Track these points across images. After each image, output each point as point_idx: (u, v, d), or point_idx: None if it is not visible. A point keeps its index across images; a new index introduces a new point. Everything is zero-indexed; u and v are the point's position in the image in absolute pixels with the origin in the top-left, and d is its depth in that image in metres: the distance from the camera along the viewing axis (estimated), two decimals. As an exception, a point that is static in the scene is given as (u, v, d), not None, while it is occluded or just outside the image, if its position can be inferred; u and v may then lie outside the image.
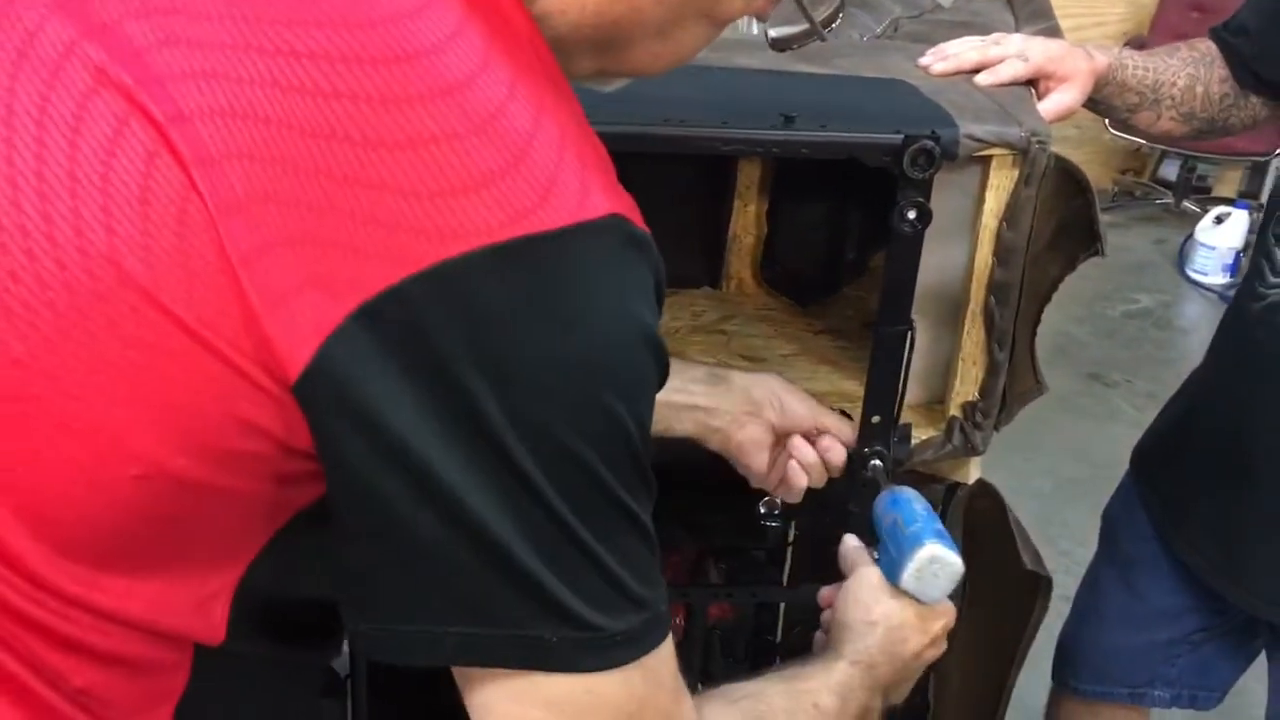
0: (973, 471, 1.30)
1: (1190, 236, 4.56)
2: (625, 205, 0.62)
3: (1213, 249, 4.46)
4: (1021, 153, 1.12)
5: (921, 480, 1.29)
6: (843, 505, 1.16)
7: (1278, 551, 1.40)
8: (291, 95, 0.57)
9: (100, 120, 0.57)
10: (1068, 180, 1.16)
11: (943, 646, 1.03)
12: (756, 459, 1.14)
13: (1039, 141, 1.12)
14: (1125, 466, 1.64)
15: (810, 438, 1.14)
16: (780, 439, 1.14)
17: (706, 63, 1.19)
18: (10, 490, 0.59)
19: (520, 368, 0.58)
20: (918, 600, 1.00)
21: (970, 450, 1.25)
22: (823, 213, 1.50)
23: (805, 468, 1.13)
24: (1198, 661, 1.59)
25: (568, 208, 0.59)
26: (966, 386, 1.24)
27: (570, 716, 0.64)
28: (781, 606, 1.50)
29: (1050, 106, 1.25)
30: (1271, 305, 1.33)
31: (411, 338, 0.56)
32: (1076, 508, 2.75)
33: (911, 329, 1.12)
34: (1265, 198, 1.70)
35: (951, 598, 1.02)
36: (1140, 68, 1.39)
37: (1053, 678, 1.72)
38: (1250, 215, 4.45)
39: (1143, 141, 4.66)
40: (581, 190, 0.60)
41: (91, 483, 0.59)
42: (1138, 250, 4.72)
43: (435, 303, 0.56)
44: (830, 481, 1.16)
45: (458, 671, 0.66)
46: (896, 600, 1.00)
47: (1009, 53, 1.26)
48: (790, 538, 1.48)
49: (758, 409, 1.13)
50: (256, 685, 0.78)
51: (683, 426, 1.12)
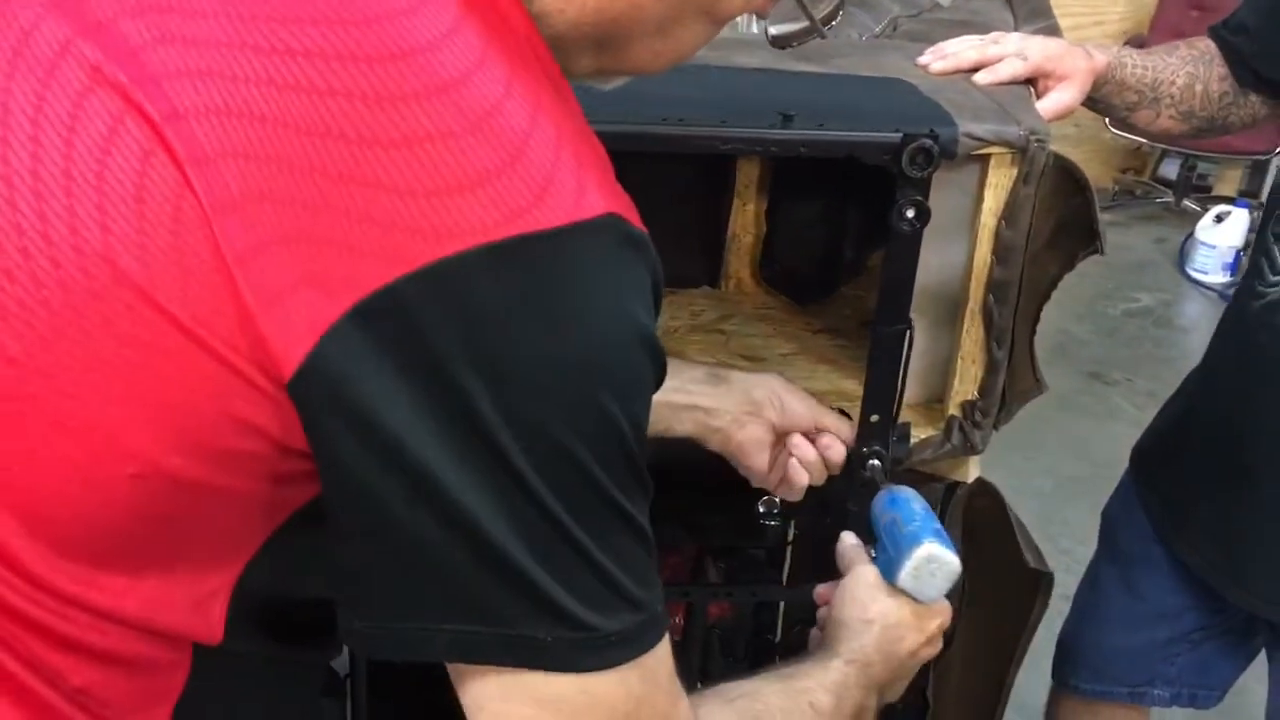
0: (972, 470, 1.30)
1: (1191, 235, 4.56)
2: (622, 205, 0.62)
3: (1213, 248, 4.46)
4: (1020, 151, 1.12)
5: (920, 479, 1.29)
6: (841, 504, 1.16)
7: (1276, 551, 1.40)
8: (286, 93, 0.57)
9: (95, 119, 0.57)
10: (1067, 179, 1.16)
11: (938, 645, 1.03)
12: (757, 459, 1.13)
13: (1038, 140, 1.12)
14: (1125, 465, 1.64)
15: (810, 436, 1.14)
16: (780, 438, 1.14)
17: (705, 62, 1.19)
18: (6, 489, 0.59)
19: (515, 367, 0.58)
20: (914, 599, 1.00)
21: (969, 449, 1.25)
22: (821, 212, 1.50)
23: (805, 465, 1.13)
24: (1197, 660, 1.59)
25: (564, 207, 0.59)
26: (965, 385, 1.24)
27: (566, 716, 0.64)
28: (781, 606, 1.50)
29: (1049, 105, 1.25)
30: (1271, 304, 1.33)
31: (406, 337, 0.56)
32: (1077, 506, 2.75)
33: (910, 328, 1.11)
34: (1266, 196, 1.69)
35: (949, 597, 1.02)
36: (1139, 66, 1.38)
37: (1053, 676, 1.71)
38: (1250, 214, 4.45)
39: (1143, 140, 4.66)
40: (578, 189, 0.59)
41: (87, 481, 0.59)
42: (1138, 249, 4.72)
43: (430, 302, 0.56)
44: (829, 480, 1.16)
45: (452, 669, 0.66)
46: (893, 599, 1.00)
47: (1008, 51, 1.26)
48: (790, 537, 1.48)
49: (758, 409, 1.12)
50: (256, 685, 0.78)
51: (683, 427, 1.11)
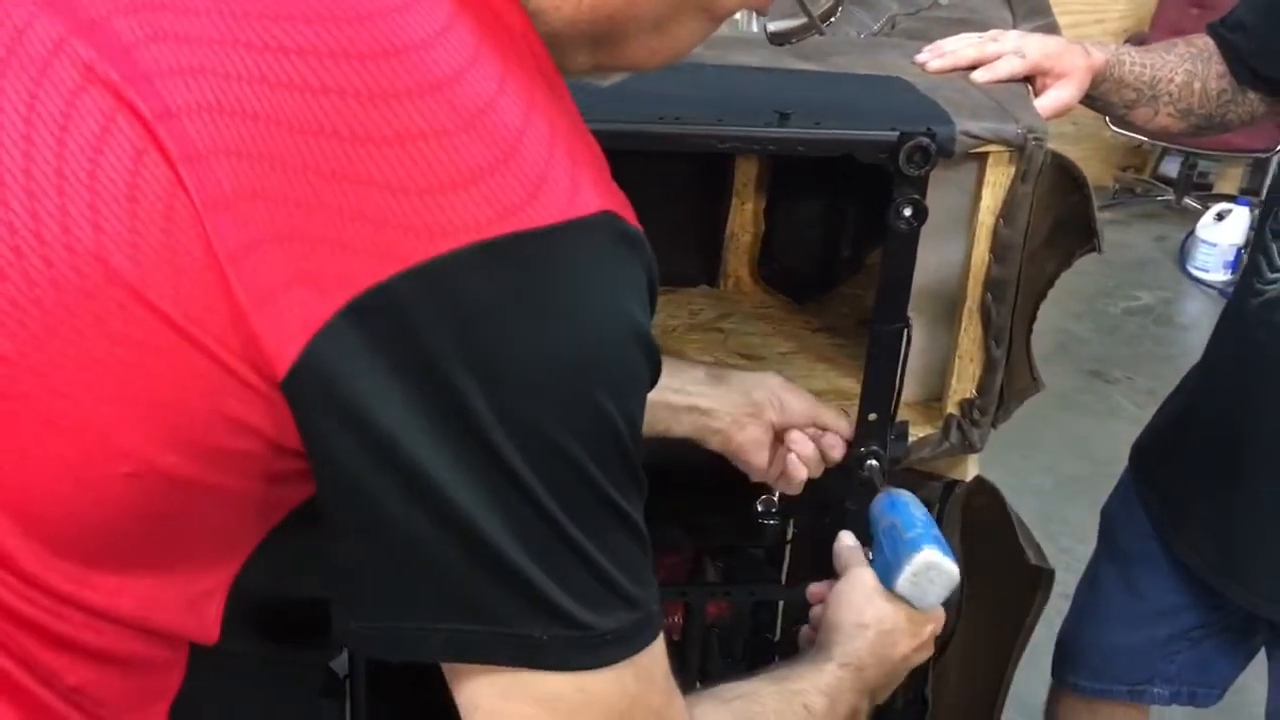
0: (970, 469, 1.30)
1: (1191, 233, 4.56)
2: (617, 202, 0.62)
3: (1214, 246, 4.46)
4: (1018, 149, 1.12)
5: (919, 478, 1.29)
6: (840, 503, 1.16)
7: (1276, 550, 1.40)
8: (279, 91, 0.57)
9: (88, 117, 0.57)
10: (1064, 177, 1.16)
11: (930, 650, 1.03)
12: (757, 457, 1.14)
13: (1035, 138, 1.12)
14: (1126, 463, 1.64)
15: (809, 433, 1.14)
16: (779, 435, 1.14)
17: (702, 60, 1.19)
18: (0, 488, 0.59)
19: (509, 365, 0.58)
20: (910, 605, 1.00)
21: (968, 448, 1.25)
22: (820, 210, 1.50)
23: (804, 461, 1.13)
24: (1197, 658, 1.59)
25: (558, 204, 0.58)
26: (964, 384, 1.23)
27: (562, 714, 0.64)
28: (780, 605, 1.50)
29: (1047, 103, 1.25)
30: (1269, 301, 1.33)
31: (400, 335, 0.56)
32: (1077, 505, 2.75)
33: (908, 326, 1.11)
34: (1265, 194, 1.69)
35: (946, 604, 1.02)
36: (1137, 64, 1.38)
37: (1052, 675, 1.71)
38: (1251, 212, 4.44)
39: (1144, 138, 4.66)
40: (572, 187, 0.59)
41: (80, 480, 0.59)
42: (1139, 247, 4.72)
43: (424, 300, 0.56)
44: (828, 479, 1.16)
45: (447, 669, 0.65)
46: (889, 604, 1.00)
47: (1006, 49, 1.26)
48: (789, 536, 1.48)
49: (758, 410, 1.12)
50: (253, 685, 0.78)
51: (682, 428, 1.11)
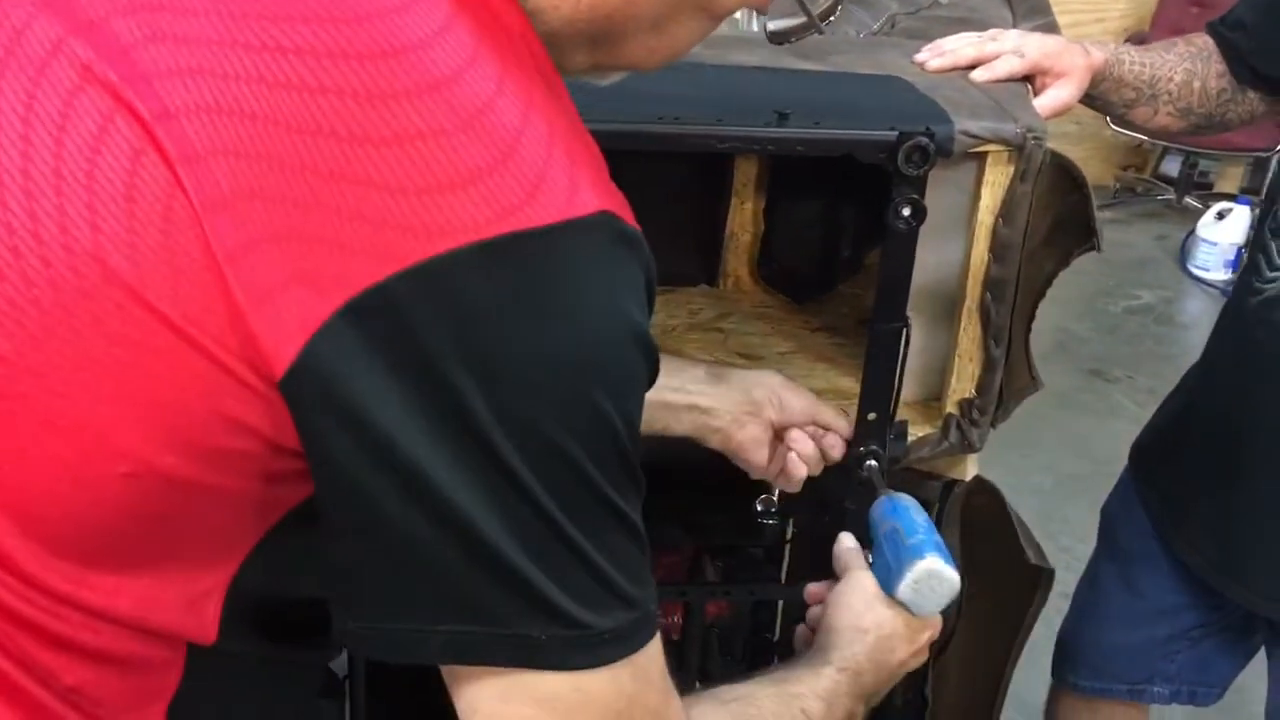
0: (970, 468, 1.30)
1: (1192, 232, 4.56)
2: (615, 202, 0.62)
3: (1214, 245, 4.46)
4: (1017, 149, 1.12)
5: (918, 477, 1.29)
6: (839, 503, 1.16)
7: (1275, 548, 1.40)
8: (277, 91, 0.57)
9: (86, 118, 0.57)
10: (1064, 176, 1.16)
11: (925, 656, 1.03)
12: (756, 456, 1.14)
13: (1034, 137, 1.12)
14: (1126, 463, 1.64)
15: (808, 431, 1.14)
16: (779, 433, 1.14)
17: (702, 60, 1.19)
18: None
19: (508, 365, 0.58)
20: (909, 611, 1.00)
21: (967, 447, 1.25)
22: (819, 210, 1.50)
23: (804, 459, 1.13)
24: (1197, 658, 1.59)
25: (556, 205, 0.58)
26: (963, 383, 1.23)
27: (559, 714, 0.64)
28: (780, 604, 1.50)
29: (1046, 102, 1.25)
30: (1268, 300, 1.33)
31: (398, 335, 0.56)
32: (1077, 504, 2.75)
33: (907, 326, 1.11)
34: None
35: (944, 610, 1.02)
36: (1137, 63, 1.38)
37: (1052, 674, 1.71)
38: (1252, 211, 4.44)
39: (1144, 138, 4.66)
40: (570, 187, 0.59)
41: (78, 480, 0.59)
42: (1139, 246, 4.71)
43: (422, 300, 0.56)
44: (827, 479, 1.16)
45: (446, 672, 0.65)
46: (888, 609, 1.00)
47: (1005, 49, 1.26)
48: (788, 535, 1.48)
49: (758, 409, 1.13)
50: (251, 685, 0.78)
51: (681, 426, 1.12)
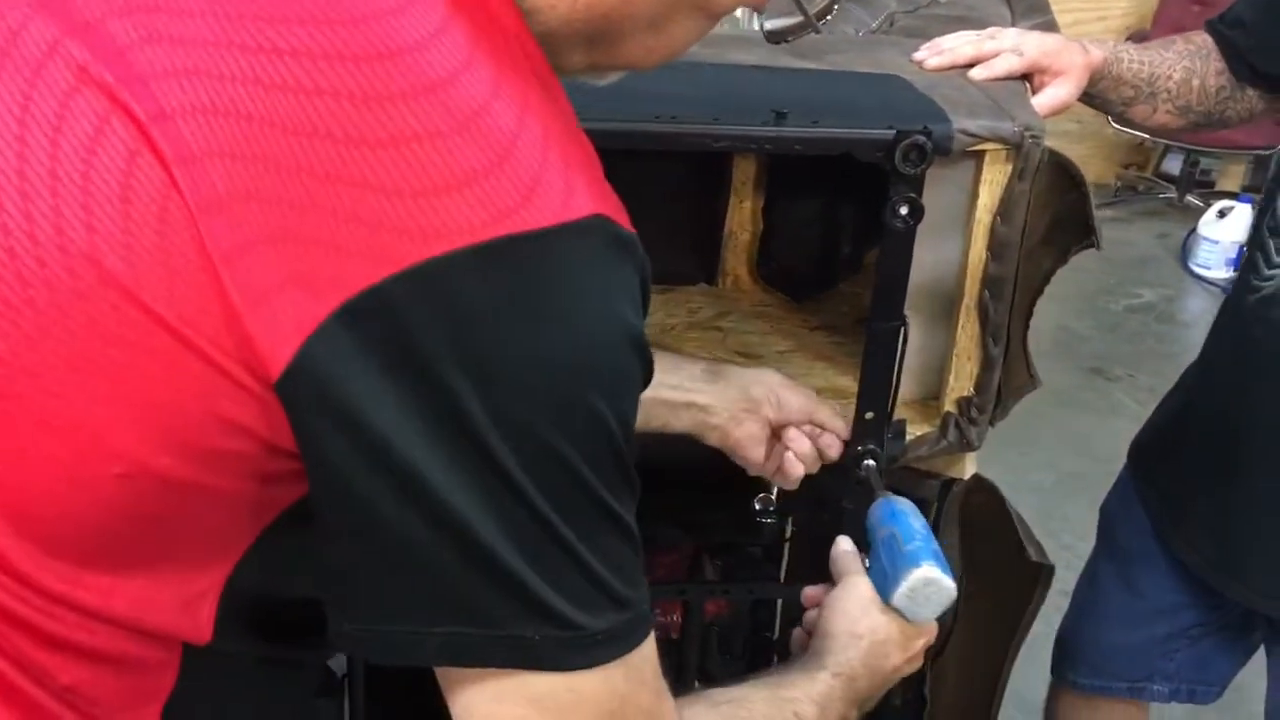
0: (968, 467, 1.30)
1: (1193, 231, 4.55)
2: (610, 206, 0.62)
3: (1216, 243, 4.45)
4: (1015, 147, 1.12)
5: (917, 476, 1.29)
6: (838, 503, 1.16)
7: (1273, 546, 1.40)
8: (273, 93, 0.57)
9: (82, 119, 0.57)
10: (1061, 174, 1.16)
11: (919, 662, 1.04)
12: (754, 453, 1.14)
13: (1032, 136, 1.12)
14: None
15: (806, 431, 1.14)
16: (776, 431, 1.14)
17: (699, 59, 1.19)
18: None
19: (503, 367, 0.58)
20: (904, 618, 1.00)
21: (965, 446, 1.25)
22: (818, 209, 1.50)
23: (800, 458, 1.14)
24: (1196, 656, 1.59)
25: (551, 208, 0.59)
26: (961, 382, 1.23)
27: (553, 714, 0.64)
28: (779, 603, 1.50)
29: (1045, 101, 1.25)
30: (1265, 298, 1.33)
31: (394, 337, 0.56)
32: (1077, 502, 2.75)
33: (905, 325, 1.11)
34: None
35: (939, 618, 1.02)
36: (1136, 61, 1.38)
37: (1052, 672, 1.71)
38: (1254, 209, 4.43)
39: (1146, 136, 4.65)
40: (565, 190, 0.59)
41: (73, 480, 0.59)
42: (1140, 245, 4.71)
43: (417, 302, 0.56)
44: (826, 478, 1.16)
45: (440, 674, 0.66)
46: (884, 615, 1.00)
47: (1004, 47, 1.26)
48: (787, 534, 1.48)
49: (755, 407, 1.13)
50: (247, 685, 0.78)
51: (680, 423, 1.12)
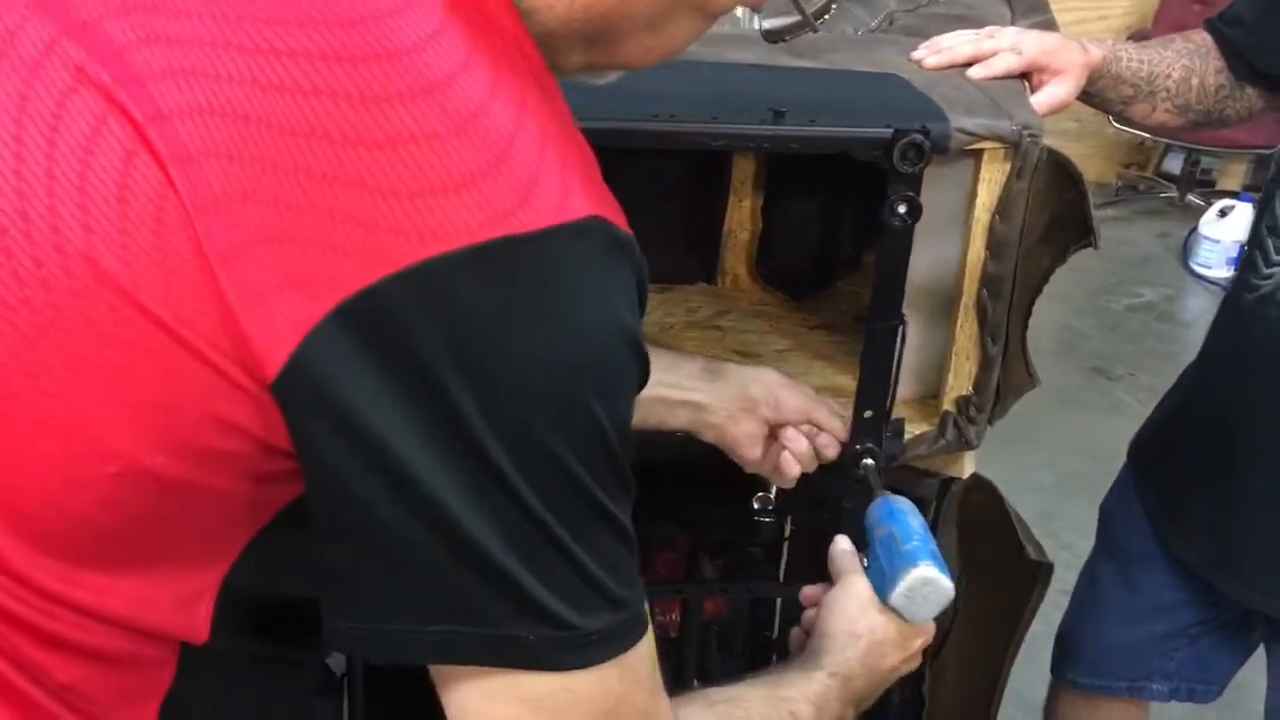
0: (967, 466, 1.30)
1: (1194, 230, 4.55)
2: (607, 207, 0.62)
3: (1217, 242, 4.45)
4: (1013, 146, 1.12)
5: (915, 475, 1.29)
6: (837, 502, 1.16)
7: (1272, 545, 1.40)
8: (271, 93, 0.57)
9: (79, 119, 0.57)
10: (1060, 173, 1.16)
11: (917, 662, 1.04)
12: (751, 451, 1.14)
13: (1030, 135, 1.12)
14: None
15: (803, 430, 1.14)
16: (774, 430, 1.14)
17: (698, 58, 1.19)
18: None
19: (499, 368, 0.58)
20: (902, 618, 1.00)
21: (964, 445, 1.25)
22: (817, 208, 1.50)
23: (797, 457, 1.14)
24: (1195, 655, 1.59)
25: (548, 209, 0.59)
26: (960, 381, 1.23)
27: (548, 714, 0.64)
28: (778, 602, 1.50)
29: (1043, 99, 1.25)
30: (1263, 297, 1.33)
31: (390, 337, 0.56)
32: (1078, 501, 2.74)
33: (903, 324, 1.11)
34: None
35: (937, 618, 1.02)
36: (1135, 60, 1.38)
37: (1051, 671, 1.71)
38: (1255, 209, 4.43)
39: (1146, 135, 4.64)
40: (563, 191, 0.59)
41: (69, 480, 0.59)
42: (1141, 244, 4.71)
43: (414, 303, 0.56)
44: (825, 477, 1.16)
45: (434, 673, 0.66)
46: (882, 615, 1.00)
47: (1002, 46, 1.26)
48: (786, 533, 1.48)
49: (753, 405, 1.13)
50: (244, 683, 0.78)
51: (677, 421, 1.12)
